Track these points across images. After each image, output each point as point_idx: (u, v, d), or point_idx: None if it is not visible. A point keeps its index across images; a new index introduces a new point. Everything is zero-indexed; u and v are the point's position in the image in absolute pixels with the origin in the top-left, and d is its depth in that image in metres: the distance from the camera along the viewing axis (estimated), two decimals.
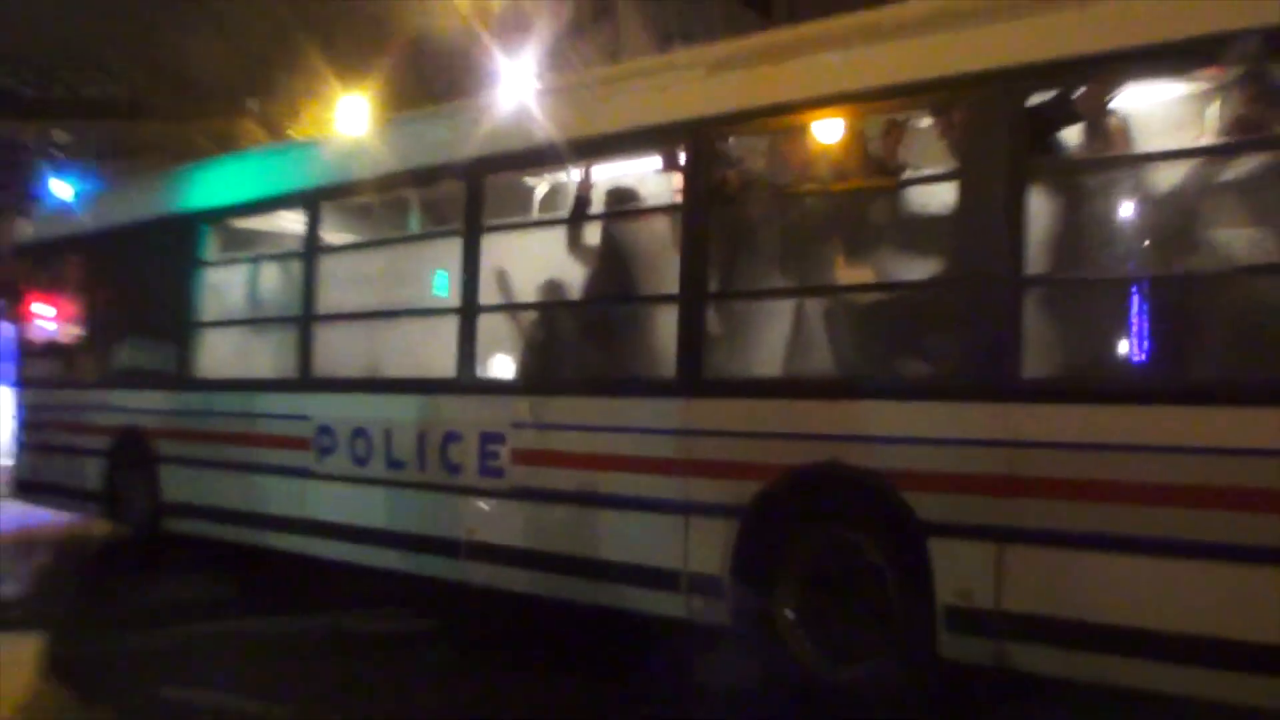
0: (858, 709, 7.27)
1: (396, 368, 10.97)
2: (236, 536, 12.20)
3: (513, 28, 36.55)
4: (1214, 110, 7.00)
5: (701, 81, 8.67)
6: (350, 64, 42.51)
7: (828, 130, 8.14)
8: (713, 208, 8.40)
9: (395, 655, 9.65)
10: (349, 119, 42.48)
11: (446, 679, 9.00)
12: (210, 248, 13.00)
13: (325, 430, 11.02)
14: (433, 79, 47.91)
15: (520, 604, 9.64)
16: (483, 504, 9.63)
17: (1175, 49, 6.44)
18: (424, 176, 10.88)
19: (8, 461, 23.12)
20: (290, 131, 46.30)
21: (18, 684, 8.29)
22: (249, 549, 12.21)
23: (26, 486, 15.97)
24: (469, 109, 11.29)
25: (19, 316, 16.80)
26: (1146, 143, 7.13)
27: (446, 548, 9.87)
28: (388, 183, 11.22)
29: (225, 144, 48.78)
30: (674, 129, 8.66)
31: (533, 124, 9.44)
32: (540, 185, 10.69)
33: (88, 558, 13.67)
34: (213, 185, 13.42)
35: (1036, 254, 6.88)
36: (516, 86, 11.64)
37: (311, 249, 11.57)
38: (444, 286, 10.37)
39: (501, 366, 9.99)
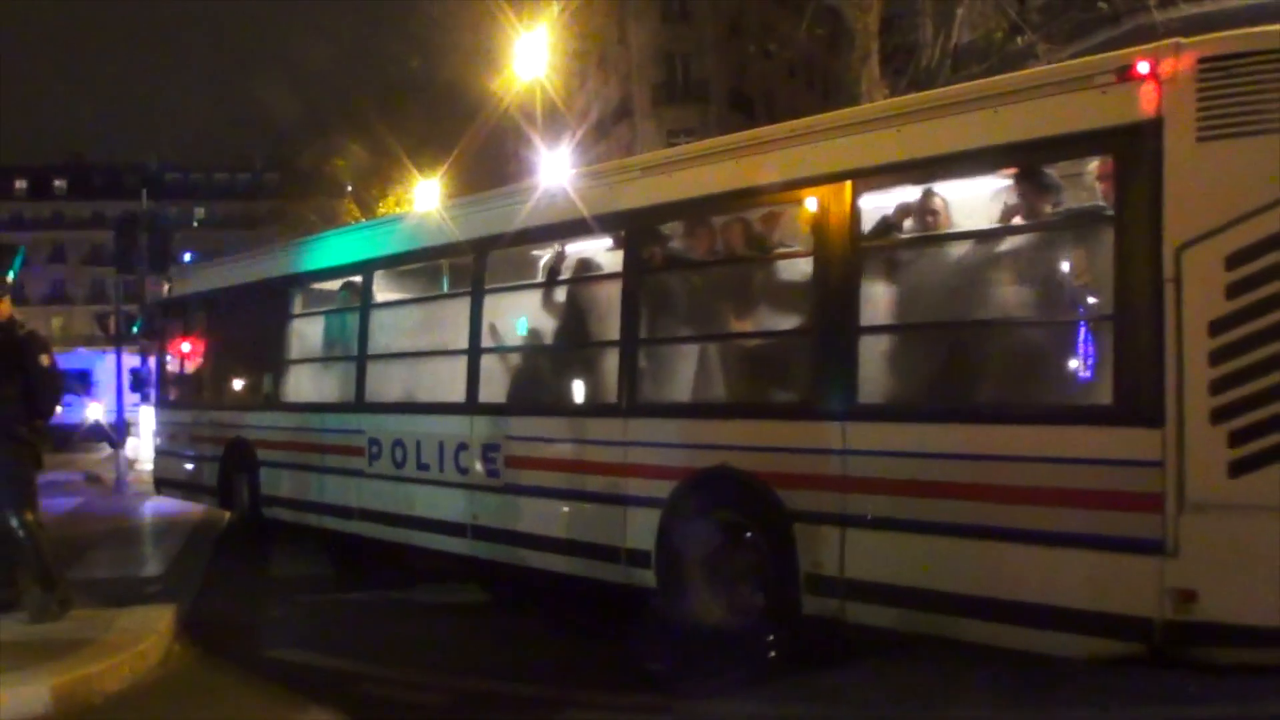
0: (748, 650, 7.84)
1: (424, 394, 11.72)
2: (311, 521, 12.83)
3: (552, 128, 36.70)
4: (991, 201, 7.53)
5: (635, 182, 9.34)
6: (426, 154, 42.77)
7: (719, 219, 8.87)
8: (642, 276, 9.16)
9: (460, 622, 9.72)
10: (424, 199, 42.75)
11: (500, 640, 9.03)
12: (294, 305, 13.83)
13: (374, 441, 11.64)
14: (489, 167, 48.20)
15: (554, 581, 9.59)
16: (484, 497, 10.18)
17: (961, 157, 7.22)
18: (445, 251, 11.55)
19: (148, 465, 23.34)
20: (380, 209, 46.64)
21: (157, 646, 8.19)
22: (324, 531, 12.66)
23: (163, 483, 16.75)
24: (468, 204, 12.38)
25: (160, 354, 17.57)
26: (946, 225, 7.65)
27: (458, 529, 10.46)
28: (413, 256, 12.09)
29: (328, 219, 49.14)
30: (616, 218, 9.35)
31: (519, 214, 10.25)
32: (536, 256, 11.20)
33: (211, 541, 13.59)
34: (294, 258, 14.29)
35: (867, 309, 7.57)
36: (551, 174, 12.82)
37: (365, 305, 12.34)
38: (522, 330, 10.87)
39: (497, 394, 10.46)
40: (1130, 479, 6.14)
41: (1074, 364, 6.89)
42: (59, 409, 9.43)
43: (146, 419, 24.84)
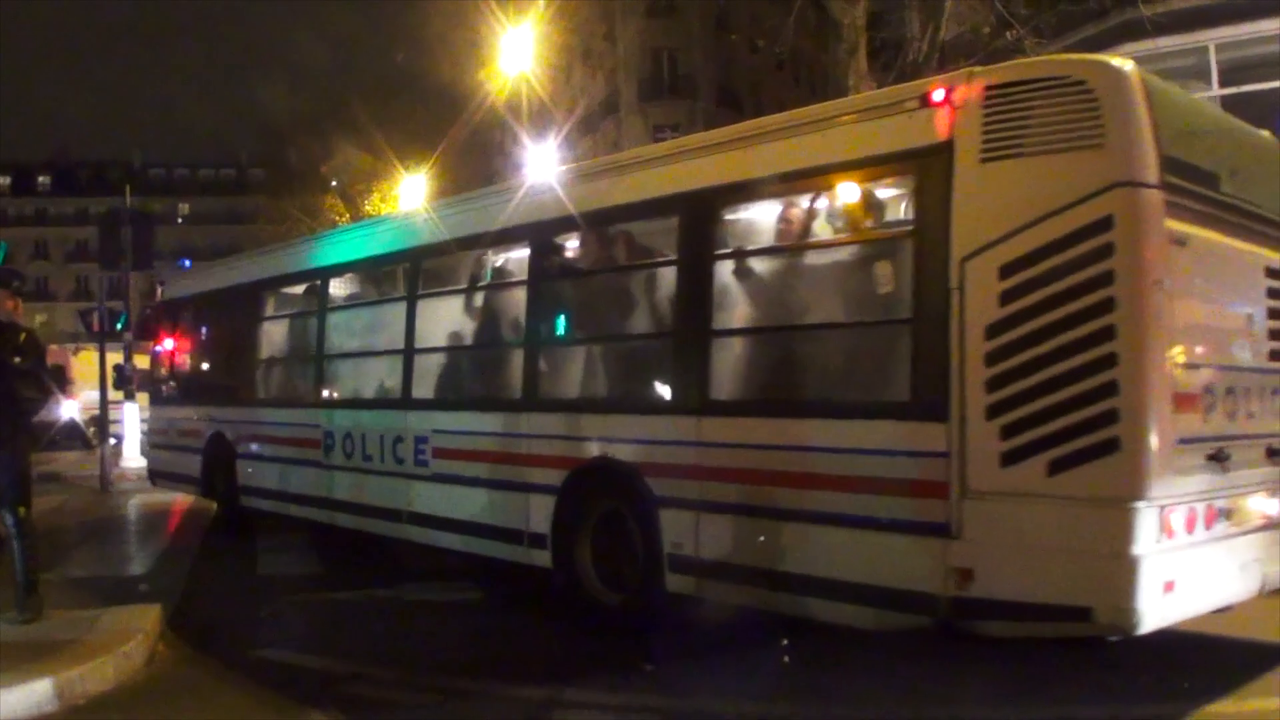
0: (624, 623, 8.73)
1: (368, 391, 12.46)
2: (278, 509, 13.77)
3: (538, 123, 36.61)
4: (818, 216, 8.10)
5: (536, 199, 10.13)
6: (413, 150, 42.65)
7: (605, 231, 9.57)
8: (540, 283, 10.00)
9: (450, 620, 9.68)
10: (410, 195, 42.65)
11: (491, 639, 8.98)
12: (261, 308, 14.76)
13: (329, 434, 12.50)
14: (475, 163, 48.11)
15: (544, 578, 9.54)
16: (416, 485, 11.00)
17: (796, 175, 7.93)
18: (380, 260, 12.67)
19: (135, 464, 23.26)
20: (365, 205, 46.49)
21: (142, 646, 8.06)
22: (296, 520, 13.48)
23: (156, 475, 17.72)
24: (396, 220, 14.05)
25: (153, 353, 18.42)
26: (790, 238, 8.26)
27: (394, 515, 11.29)
28: (352, 266, 13.20)
29: (313, 215, 48.95)
30: (522, 230, 10.20)
31: (441, 228, 11.36)
32: (458, 264, 11.59)
33: (196, 539, 13.59)
34: (258, 266, 15.44)
35: (716, 315, 8.34)
36: (537, 171, 13.44)
37: (320, 309, 13.33)
38: (445, 332, 11.38)
39: (426, 391, 11.24)
40: (921, 469, 6.77)
41: (880, 364, 7.44)
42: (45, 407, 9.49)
43: (131, 416, 24.74)
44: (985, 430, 6.52)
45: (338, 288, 13.42)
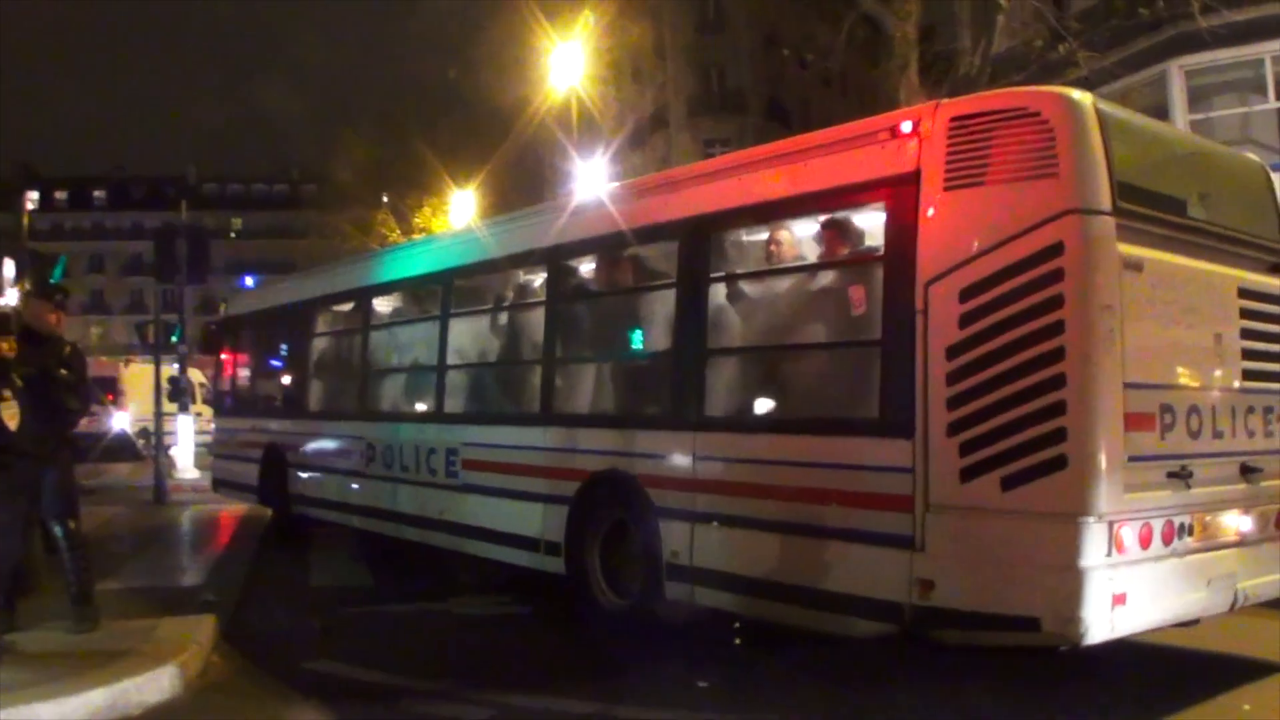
0: (627, 626, 9.08)
1: (405, 406, 13.21)
2: (324, 516, 14.50)
3: (587, 138, 36.67)
4: (802, 242, 8.67)
5: (555, 224, 10.74)
6: (463, 165, 42.83)
7: (600, 259, 10.34)
8: (558, 305, 10.56)
9: (499, 635, 9.74)
10: (460, 209, 42.83)
11: (541, 654, 8.99)
12: (310, 325, 15.44)
13: (370, 446, 13.15)
14: (524, 177, 48.24)
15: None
16: (446, 494, 11.51)
17: (783, 203, 8.39)
18: (415, 282, 13.33)
19: (189, 475, 23.48)
20: (415, 219, 46.70)
21: (197, 657, 8.11)
22: (340, 527, 14.30)
23: (219, 483, 18.48)
24: (429, 243, 15.34)
25: (216, 367, 19.80)
26: (779, 261, 8.71)
27: (427, 523, 11.85)
28: (391, 287, 13.97)
29: (364, 229, 49.22)
30: (544, 253, 10.70)
31: (475, 249, 12.14)
32: (488, 286, 12.28)
33: (250, 551, 13.68)
34: (310, 285, 16.29)
35: (706, 337, 8.80)
36: (587, 186, 13.99)
37: (364, 326, 14.14)
38: (473, 350, 12.06)
39: (456, 405, 11.89)
40: (889, 483, 7.06)
41: (852, 383, 7.81)
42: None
43: (185, 428, 24.92)
44: (946, 447, 6.81)
45: (374, 307, 14.16)
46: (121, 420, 31.83)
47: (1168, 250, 7.07)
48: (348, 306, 14.86)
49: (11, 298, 23.54)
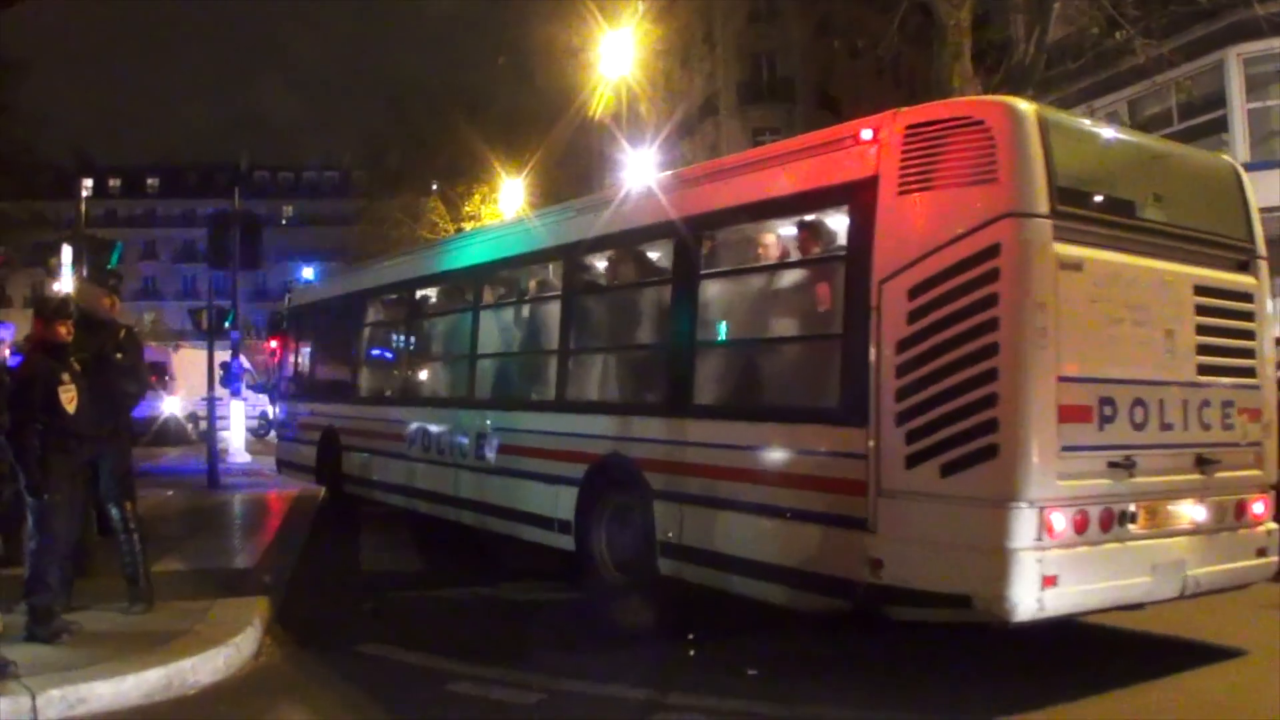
0: (629, 600, 9.59)
1: (443, 392, 14.20)
2: (371, 495, 15.43)
3: (637, 126, 36.61)
4: (778, 241, 9.26)
5: (569, 222, 11.64)
6: (513, 153, 42.90)
7: (606, 259, 11.13)
8: (570, 299, 11.29)
9: (550, 620, 9.79)
10: (510, 198, 42.90)
11: (591, 640, 8.99)
12: (357, 316, 16.61)
13: (412, 429, 14.00)
14: (574, 165, 48.26)
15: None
16: (475, 475, 12.32)
17: (759, 206, 9.00)
18: (444, 278, 14.55)
19: (241, 460, 23.72)
20: (465, 207, 46.81)
21: (251, 639, 8.20)
22: (387, 506, 15.07)
23: (282, 464, 19.86)
24: (455, 242, 16.85)
25: (281, 354, 20.99)
26: (744, 263, 9.56)
27: (458, 501, 12.74)
28: (423, 282, 15.08)
29: (414, 216, 49.39)
30: (556, 251, 11.64)
31: (501, 246, 13.13)
32: (504, 283, 13.32)
33: (303, 535, 13.81)
34: (364, 277, 17.55)
35: (690, 330, 9.46)
36: (638, 174, 14.58)
37: (407, 317, 15.44)
38: (497, 341, 13.03)
39: (485, 392, 12.72)
40: (846, 468, 7.61)
41: (816, 374, 8.38)
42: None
43: (237, 413, 25.14)
44: (894, 435, 7.33)
45: (411, 300, 15.26)
46: (172, 404, 32.16)
47: (1114, 250, 7.53)
48: (387, 300, 16.08)
49: (68, 284, 23.74)
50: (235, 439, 25.19)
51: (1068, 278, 7.16)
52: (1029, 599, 6.84)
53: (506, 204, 44.03)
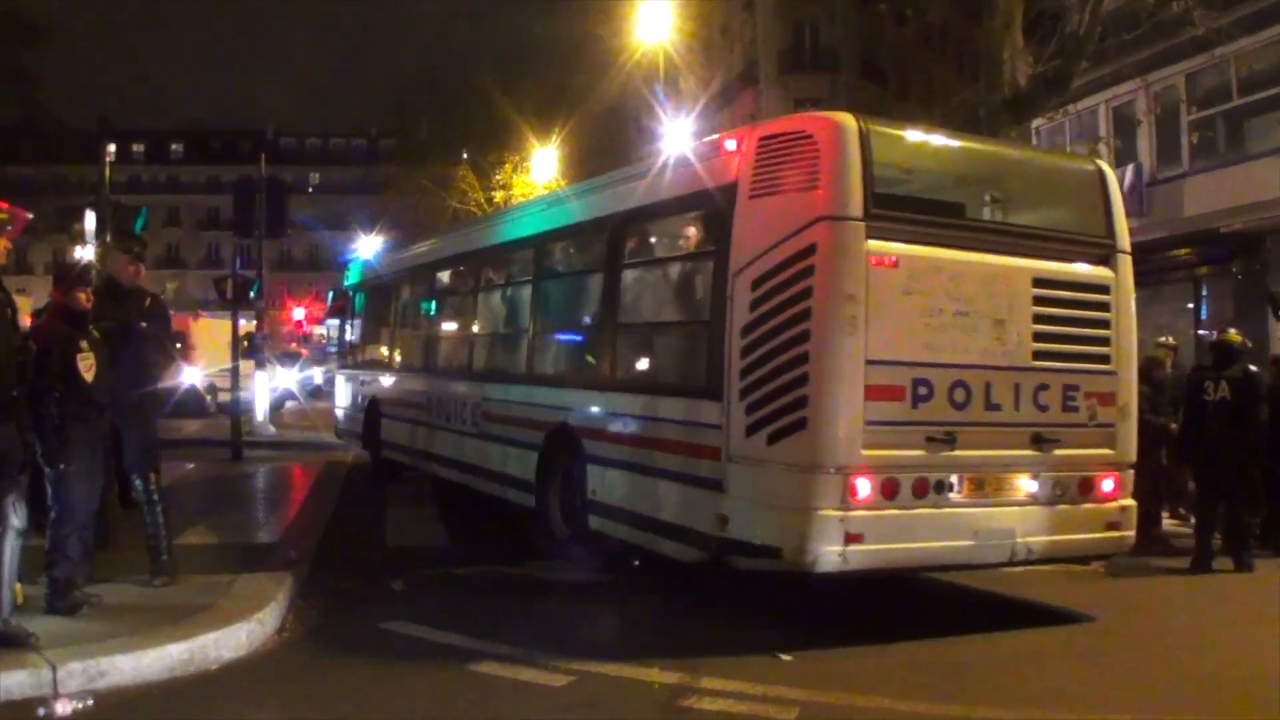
0: (574, 553, 11.06)
1: (452, 363, 15.67)
2: (399, 459, 17.28)
3: (675, 95, 36.52)
4: (665, 239, 11.00)
5: (541, 214, 13.87)
6: (546, 124, 42.86)
7: (550, 252, 12.99)
8: (537, 284, 13.00)
9: (578, 600, 9.94)
10: (542, 167, 42.89)
11: (620, 621, 9.14)
12: (391, 294, 18.81)
13: (431, 398, 15.77)
14: (610, 135, 48.14)
15: (674, 561, 9.57)
16: (469, 439, 14.00)
17: (658, 207, 10.60)
18: (446, 262, 16.73)
19: (266, 433, 23.88)
20: (497, 176, 46.80)
21: (274, 614, 8.25)
22: (424, 473, 16.30)
23: (339, 431, 21.67)
24: (447, 236, 18.75)
25: (340, 328, 23.00)
26: (641, 258, 11.23)
27: (455, 464, 14.64)
28: (433, 265, 17.11)
29: (444, 185, 49.42)
30: (519, 244, 13.75)
31: (474, 238, 16.14)
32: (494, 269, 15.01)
33: (328, 510, 14.00)
34: (400, 256, 19.61)
35: (610, 314, 11.04)
36: (674, 143, 15.74)
37: (430, 293, 17.14)
38: (484, 320, 14.99)
39: (480, 365, 14.43)
40: (708, 437, 8.99)
41: (689, 354, 9.84)
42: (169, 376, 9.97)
43: (261, 385, 25.27)
44: (739, 408, 8.68)
45: (430, 279, 17.12)
46: (191, 375, 32.12)
47: (937, 246, 8.75)
48: (413, 279, 17.97)
49: (92, 250, 23.91)
50: (259, 412, 25.35)
51: (881, 273, 8.41)
52: (832, 554, 8.14)
53: (538, 173, 44.04)
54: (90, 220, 25.03)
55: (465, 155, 50.03)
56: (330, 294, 27.30)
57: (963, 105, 23.61)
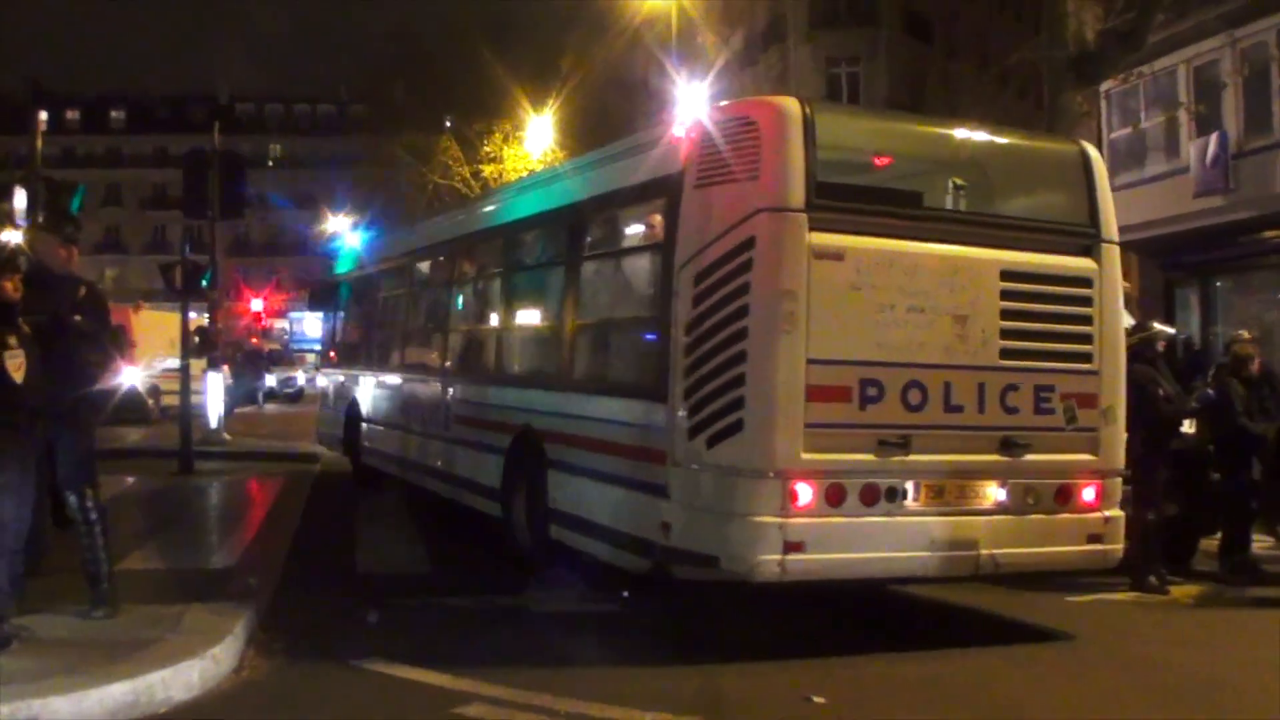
0: (538, 560, 11.59)
1: (420, 363, 16.78)
2: (378, 464, 18.18)
3: (689, 53, 36.52)
4: (614, 232, 11.67)
5: (507, 204, 15.14)
6: (541, 89, 42.87)
7: (513, 243, 13.86)
8: (511, 276, 13.86)
9: (583, 636, 9.82)
10: (537, 137, 42.90)
11: (629, 660, 9.04)
12: (367, 289, 20.20)
13: (404, 399, 16.98)
14: (617, 99, 48.15)
15: (695, 591, 9.82)
16: (438, 443, 14.97)
17: (610, 197, 11.22)
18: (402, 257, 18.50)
19: (220, 439, 23.91)
20: (484, 147, 46.81)
21: (231, 650, 8.25)
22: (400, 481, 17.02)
23: (319, 436, 22.70)
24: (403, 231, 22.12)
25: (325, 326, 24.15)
26: (588, 253, 11.87)
27: (426, 470, 15.63)
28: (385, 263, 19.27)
29: (424, 157, 49.49)
30: (478, 236, 15.20)
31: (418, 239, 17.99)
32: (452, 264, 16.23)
33: (291, 529, 13.97)
34: (379, 247, 21.18)
35: (563, 313, 11.88)
36: (690, 110, 16.88)
37: (385, 294, 18.92)
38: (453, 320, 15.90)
39: (445, 364, 15.55)
40: (655, 439, 9.50)
41: (644, 354, 10.23)
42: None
43: (214, 387, 25.25)
44: (681, 410, 9.14)
45: (395, 274, 18.51)
46: (132, 375, 31.87)
47: (890, 238, 9.19)
48: (379, 272, 19.39)
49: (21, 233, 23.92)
50: (212, 417, 25.30)
51: (825, 267, 8.86)
52: (770, 563, 8.63)
53: (533, 144, 44.06)
54: (20, 199, 25.02)
55: (448, 124, 50.04)
56: (310, 287, 28.12)
57: (1021, 65, 23.64)
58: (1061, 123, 17.70)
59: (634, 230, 11.14)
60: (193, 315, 23.03)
